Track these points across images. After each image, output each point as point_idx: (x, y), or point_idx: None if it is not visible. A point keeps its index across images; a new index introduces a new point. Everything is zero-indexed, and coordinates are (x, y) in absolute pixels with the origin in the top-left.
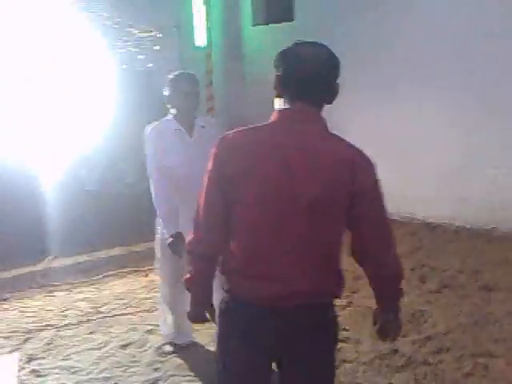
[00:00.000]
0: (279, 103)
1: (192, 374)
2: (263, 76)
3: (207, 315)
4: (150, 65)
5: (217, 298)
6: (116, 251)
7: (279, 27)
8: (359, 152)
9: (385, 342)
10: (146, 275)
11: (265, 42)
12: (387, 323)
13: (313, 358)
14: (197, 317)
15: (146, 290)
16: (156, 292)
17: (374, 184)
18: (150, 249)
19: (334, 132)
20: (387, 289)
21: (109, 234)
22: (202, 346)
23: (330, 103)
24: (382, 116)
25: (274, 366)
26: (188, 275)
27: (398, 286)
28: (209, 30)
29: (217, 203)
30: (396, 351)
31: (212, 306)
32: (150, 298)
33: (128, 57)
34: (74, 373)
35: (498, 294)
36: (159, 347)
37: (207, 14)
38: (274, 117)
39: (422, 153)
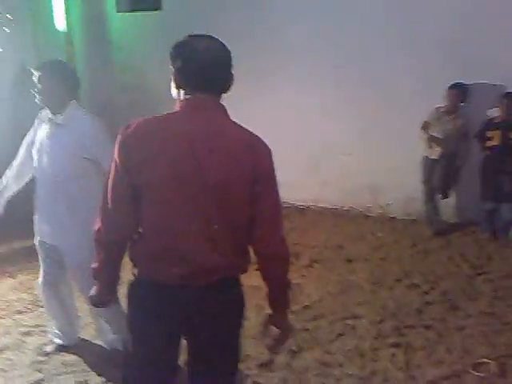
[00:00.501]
0: (178, 94)
1: (79, 369)
2: (132, 62)
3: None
4: (0, 49)
5: None
6: None
7: (147, 15)
8: (258, 137)
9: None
10: (13, 277)
11: (132, 29)
12: (277, 326)
13: (222, 333)
14: (101, 303)
15: (16, 291)
16: (27, 293)
17: (272, 168)
18: (14, 249)
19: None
20: (275, 269)
21: None
22: (88, 341)
23: (227, 92)
24: (254, 104)
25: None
26: (95, 264)
27: (286, 268)
28: (68, 13)
29: (125, 189)
30: None
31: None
32: (21, 300)
33: None
34: None
35: (358, 264)
36: (39, 347)
37: None
38: (176, 107)
39: (290, 140)
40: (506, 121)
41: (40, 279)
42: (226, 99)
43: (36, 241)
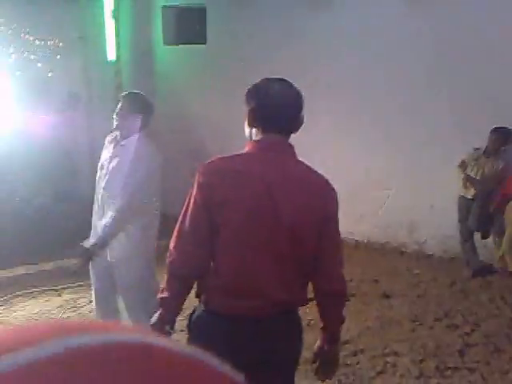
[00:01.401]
0: (250, 134)
1: None
2: (175, 93)
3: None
4: (50, 74)
5: None
6: (22, 270)
7: (192, 48)
8: (326, 179)
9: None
10: (59, 294)
11: (177, 61)
12: (328, 359)
13: (284, 363)
14: (160, 330)
15: (62, 309)
16: (73, 311)
17: (337, 210)
18: (59, 267)
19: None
20: (334, 305)
21: (11, 253)
22: None
23: (296, 132)
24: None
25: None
26: (164, 294)
27: (343, 304)
28: (118, 44)
29: (204, 226)
30: None
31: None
32: (68, 318)
33: (23, 64)
34: None
35: (394, 299)
36: None
37: (116, 29)
38: (250, 147)
39: (327, 174)
40: None
41: (93, 296)
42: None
43: None
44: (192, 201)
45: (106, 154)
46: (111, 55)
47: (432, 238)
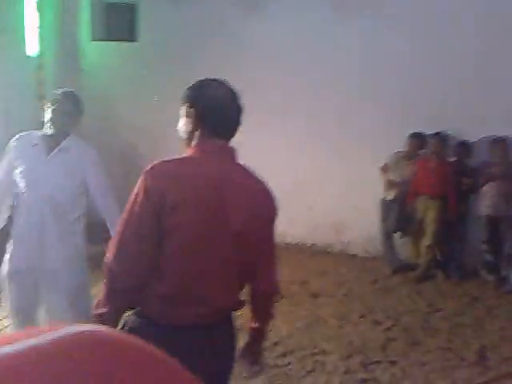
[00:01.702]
0: (192, 135)
1: None
2: (103, 92)
3: None
4: None
5: None
6: None
7: (121, 45)
8: (266, 185)
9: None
10: None
11: (105, 58)
12: (255, 356)
13: (227, 367)
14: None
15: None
16: None
17: (276, 214)
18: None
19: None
20: (269, 304)
21: None
22: None
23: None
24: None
25: None
26: (103, 310)
27: (273, 302)
28: (41, 39)
29: (151, 233)
30: None
31: None
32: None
33: None
34: None
35: (322, 299)
36: None
37: (40, 22)
38: (196, 150)
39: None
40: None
41: (12, 311)
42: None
43: (8, 270)
44: (137, 207)
45: (30, 157)
46: (33, 49)
47: (356, 239)
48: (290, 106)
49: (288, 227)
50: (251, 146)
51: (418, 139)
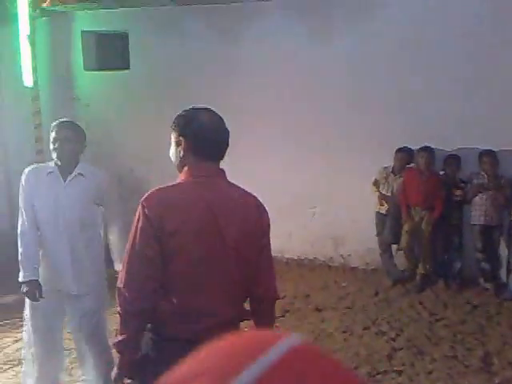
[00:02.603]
0: (185, 161)
1: None
2: (98, 119)
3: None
4: None
5: None
6: None
7: (114, 74)
8: (258, 200)
9: None
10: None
11: (98, 87)
12: None
13: None
14: (127, 377)
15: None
16: None
17: (269, 223)
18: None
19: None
20: (271, 309)
21: None
22: None
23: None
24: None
25: None
26: (122, 337)
27: (274, 306)
28: (35, 69)
29: (155, 257)
30: None
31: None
32: None
33: None
34: None
35: (326, 313)
36: None
37: (33, 54)
38: (187, 175)
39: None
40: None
41: (30, 329)
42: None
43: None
44: (139, 235)
45: (48, 185)
46: (28, 81)
47: (355, 252)
48: (283, 124)
49: (287, 242)
50: (248, 164)
51: (404, 154)
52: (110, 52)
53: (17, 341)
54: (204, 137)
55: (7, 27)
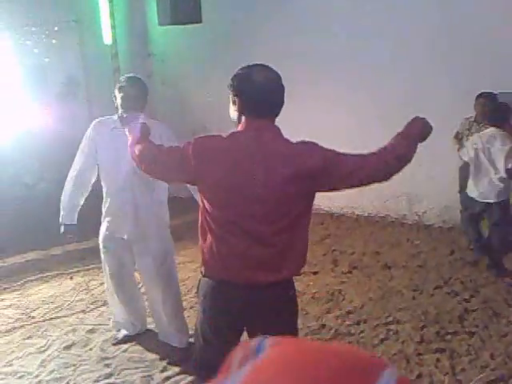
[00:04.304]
0: (239, 118)
1: (143, 365)
2: (173, 75)
3: None
4: (47, 59)
5: None
6: (32, 255)
7: (187, 28)
8: (307, 141)
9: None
10: (71, 278)
11: (173, 42)
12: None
13: (276, 328)
14: None
15: (75, 292)
16: (86, 294)
17: (324, 159)
18: (69, 251)
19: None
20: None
21: (18, 238)
22: (151, 332)
23: (279, 115)
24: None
25: None
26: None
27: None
28: (114, 27)
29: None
30: (324, 326)
31: None
32: (82, 300)
33: (20, 50)
34: (20, 377)
35: (395, 270)
36: (104, 344)
37: (111, 11)
38: (240, 127)
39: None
40: None
41: (108, 273)
42: None
43: (104, 238)
44: (180, 152)
45: (111, 140)
46: (107, 38)
47: (431, 209)
48: (355, 82)
49: (358, 198)
50: (317, 122)
51: (487, 99)
52: (183, 6)
53: (102, 283)
54: (256, 96)
55: None
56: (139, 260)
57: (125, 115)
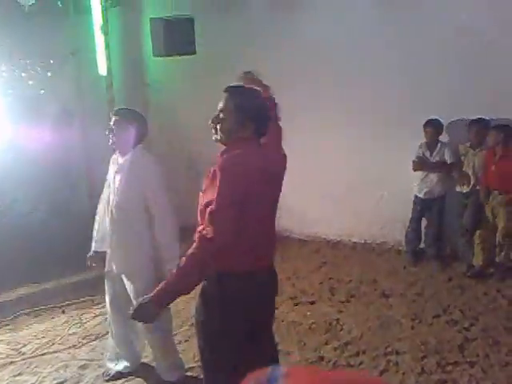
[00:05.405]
0: (243, 132)
1: None
2: (168, 104)
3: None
4: (42, 91)
5: None
6: (25, 290)
7: (181, 59)
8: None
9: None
10: (63, 311)
11: (168, 72)
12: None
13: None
14: (149, 317)
15: (67, 325)
16: (78, 327)
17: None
18: (62, 285)
19: None
20: None
21: (11, 272)
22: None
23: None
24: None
25: None
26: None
27: None
28: (109, 59)
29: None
30: (322, 358)
31: None
32: (74, 334)
33: (15, 81)
34: None
35: (393, 299)
36: (96, 380)
37: (106, 43)
38: (251, 146)
39: (319, 178)
40: None
41: (107, 305)
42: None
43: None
44: (228, 199)
45: (110, 171)
46: (102, 69)
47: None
48: (347, 101)
49: (355, 225)
50: (315, 148)
51: (479, 125)
52: (177, 37)
53: (96, 316)
54: (267, 120)
55: (82, 18)
56: (119, 298)
57: None
